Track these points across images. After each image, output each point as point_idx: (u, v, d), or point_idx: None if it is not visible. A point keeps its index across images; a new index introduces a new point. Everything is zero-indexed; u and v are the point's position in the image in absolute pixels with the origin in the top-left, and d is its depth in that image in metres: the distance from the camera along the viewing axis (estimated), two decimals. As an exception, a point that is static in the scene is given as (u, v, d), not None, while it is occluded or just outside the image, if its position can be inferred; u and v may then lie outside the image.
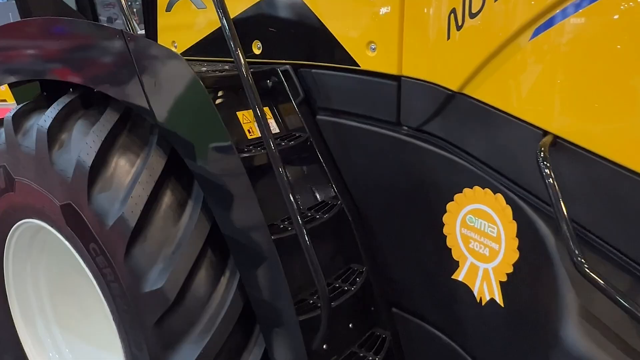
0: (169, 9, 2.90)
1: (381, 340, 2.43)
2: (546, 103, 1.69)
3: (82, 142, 2.23)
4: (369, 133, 2.31)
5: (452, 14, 1.90)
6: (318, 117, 2.49)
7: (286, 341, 2.13)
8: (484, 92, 1.88)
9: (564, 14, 1.57)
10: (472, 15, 1.83)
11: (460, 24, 1.88)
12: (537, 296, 1.75)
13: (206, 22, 2.74)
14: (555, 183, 1.56)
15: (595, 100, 1.57)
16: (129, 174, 2.18)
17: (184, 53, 2.88)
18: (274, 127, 2.47)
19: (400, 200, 2.31)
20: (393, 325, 2.51)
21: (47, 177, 2.36)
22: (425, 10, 2.01)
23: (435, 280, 2.26)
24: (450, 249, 2.13)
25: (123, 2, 2.43)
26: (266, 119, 2.08)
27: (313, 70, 2.45)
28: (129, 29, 2.40)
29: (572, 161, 1.64)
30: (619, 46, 1.49)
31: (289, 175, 2.38)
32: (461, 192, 2.04)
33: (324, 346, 2.30)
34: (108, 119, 2.27)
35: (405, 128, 2.21)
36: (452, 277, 2.14)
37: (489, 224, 1.96)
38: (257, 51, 2.60)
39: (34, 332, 3.09)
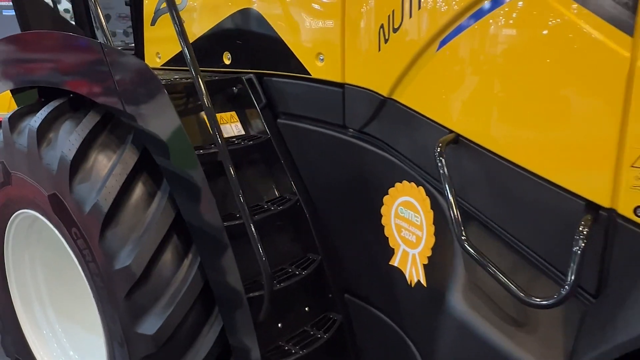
0: (153, 23, 3.19)
1: (332, 322, 2.68)
2: (450, 106, 1.94)
3: (66, 140, 2.51)
4: (321, 135, 2.58)
5: (381, 29, 2.16)
6: (279, 120, 2.76)
7: (237, 316, 2.39)
8: (406, 97, 2.13)
9: (459, 29, 1.83)
10: (395, 30, 2.09)
11: (386, 38, 2.14)
12: (445, 274, 1.99)
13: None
14: (447, 173, 1.81)
15: (487, 103, 1.81)
16: (105, 168, 2.46)
17: (167, 63, 3.17)
18: (240, 129, 2.74)
19: (348, 196, 2.56)
20: (345, 309, 2.75)
21: (37, 171, 2.65)
22: (362, 25, 2.27)
23: (377, 267, 2.50)
24: (388, 238, 2.38)
25: (102, 19, 2.70)
26: (217, 121, 2.35)
27: (274, 79, 2.72)
28: (108, 41, 2.68)
29: (471, 155, 1.89)
30: (501, 61, 1.75)
31: (251, 171, 2.68)
32: (394, 187, 2.29)
33: (279, 325, 2.56)
34: (90, 120, 2.56)
35: (350, 130, 2.47)
36: (390, 263, 2.39)
37: (414, 214, 2.21)
38: (227, 61, 2.88)
39: (32, 315, 3.36)
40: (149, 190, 2.47)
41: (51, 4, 3.56)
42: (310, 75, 2.52)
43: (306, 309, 2.66)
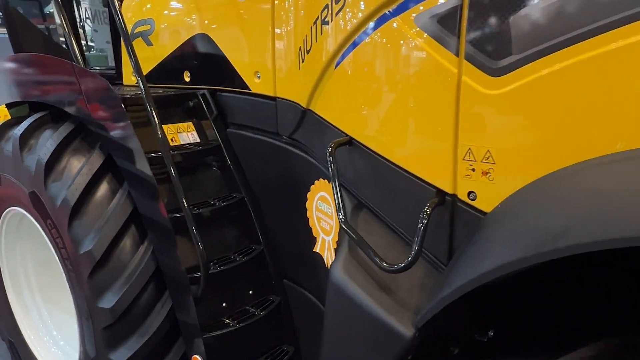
0: None
1: (270, 302, 3.06)
2: (345, 114, 2.33)
3: (44, 145, 2.93)
4: (260, 142, 2.97)
5: (300, 51, 2.55)
6: (228, 130, 3.16)
7: (181, 294, 2.78)
8: (318, 107, 2.52)
9: (346, 53, 2.22)
10: (307, 52, 2.48)
11: (303, 59, 2.53)
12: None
13: (153, 56, 3.44)
14: (335, 170, 2.20)
15: (367, 111, 2.19)
16: (75, 169, 2.86)
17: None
18: (195, 137, 3.14)
19: (283, 193, 2.94)
20: (284, 293, 3.13)
21: (20, 172, 3.07)
22: (286, 48, 2.67)
23: (306, 255, 2.87)
24: (312, 229, 2.76)
25: (73, 42, 3.13)
26: (163, 130, 2.75)
27: (223, 94, 3.12)
28: (79, 62, 3.09)
29: (360, 155, 2.27)
30: (374, 77, 2.14)
31: (203, 173, 3.09)
32: (314, 184, 2.67)
33: (223, 304, 2.95)
34: (64, 129, 2.98)
35: (282, 137, 2.86)
36: (314, 250, 2.77)
37: (327, 206, 2.59)
38: (187, 79, 3.28)
39: (22, 301, 3.77)
40: (111, 187, 2.88)
41: (46, 31, 4.00)
42: (250, 90, 2.92)
43: (250, 292, 3.04)
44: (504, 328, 2.02)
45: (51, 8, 4.13)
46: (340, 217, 2.11)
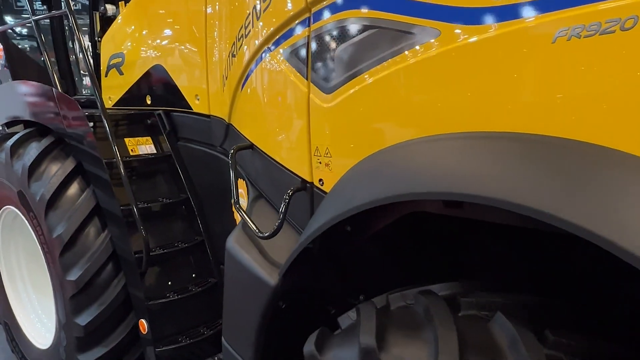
0: (106, 75, 4.32)
1: (208, 283, 3.74)
2: (248, 125, 3.02)
3: (29, 153, 3.66)
4: (201, 152, 3.65)
5: (223, 77, 3.27)
6: (178, 142, 3.86)
7: (131, 272, 3.46)
8: (235, 121, 3.20)
9: (246, 78, 2.92)
10: (226, 78, 3.19)
11: (224, 83, 3.24)
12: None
13: (124, 83, 4.15)
14: (235, 168, 2.88)
15: (257, 122, 2.89)
16: (52, 171, 3.58)
17: (116, 104, 4.29)
18: (152, 149, 3.84)
19: (218, 193, 3.62)
20: (221, 276, 3.80)
21: (11, 176, 3.78)
22: (215, 75, 3.37)
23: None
24: (236, 220, 3.44)
25: (50, 69, 3.89)
26: (114, 141, 3.45)
27: (173, 113, 3.82)
28: (58, 88, 3.83)
29: (257, 155, 2.96)
30: (259, 97, 2.83)
31: (157, 177, 3.77)
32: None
33: (169, 282, 3.62)
34: (46, 141, 3.69)
35: (217, 147, 3.55)
36: (238, 237, 3.44)
37: (244, 200, 3.27)
38: (148, 102, 3.99)
39: (16, 289, 4.46)
40: (80, 186, 3.57)
41: (41, 62, 4.76)
42: (193, 110, 3.62)
43: (193, 275, 3.71)
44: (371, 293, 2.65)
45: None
46: (234, 200, 2.79)
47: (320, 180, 2.51)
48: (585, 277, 1.88)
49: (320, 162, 2.48)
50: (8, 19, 5.10)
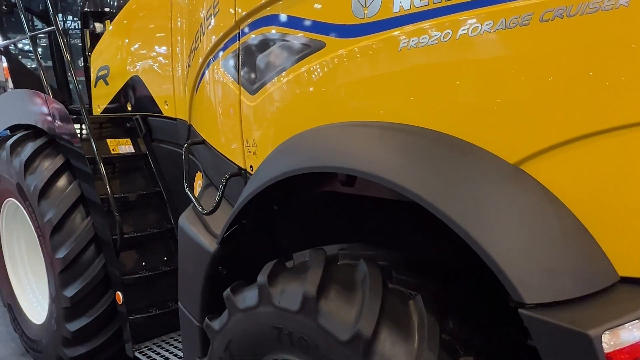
0: (95, 85, 4.86)
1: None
2: (200, 123, 3.57)
3: (25, 151, 4.25)
4: (170, 150, 4.20)
5: (184, 85, 3.83)
6: (153, 143, 4.43)
7: (109, 252, 4.02)
8: (193, 121, 3.70)
9: (199, 83, 3.48)
10: (185, 85, 3.76)
11: (185, 89, 3.81)
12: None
13: (110, 93, 4.72)
14: (186, 162, 3.43)
15: (209, 120, 3.44)
16: (44, 166, 4.16)
17: (104, 111, 4.86)
18: (131, 149, 4.41)
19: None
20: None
21: (10, 171, 4.36)
22: (179, 83, 3.94)
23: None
24: (199, 207, 3.98)
25: (43, 79, 4.49)
26: (94, 139, 4.02)
27: (149, 118, 4.39)
28: (50, 96, 4.41)
29: (208, 149, 3.51)
30: (208, 98, 3.38)
31: (134, 173, 4.33)
32: (197, 175, 3.92)
33: (143, 263, 4.17)
34: (41, 140, 4.26)
35: (182, 146, 4.10)
36: (201, 222, 3.99)
37: (199, 188, 3.82)
38: (129, 108, 4.55)
39: (17, 273, 5.03)
40: (68, 179, 4.13)
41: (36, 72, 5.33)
42: (163, 114, 4.19)
43: (164, 258, 4.26)
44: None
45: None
46: (185, 185, 3.34)
47: (251, 166, 3.04)
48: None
49: (250, 152, 3.02)
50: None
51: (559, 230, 1.96)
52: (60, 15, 5.47)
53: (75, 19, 5.12)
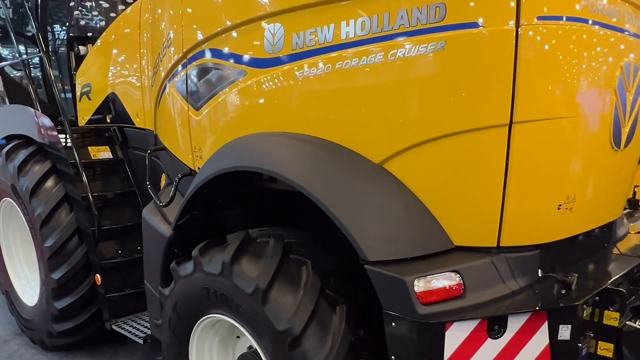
0: (79, 100, 5.53)
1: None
2: (161, 133, 4.30)
3: (18, 157, 4.96)
4: (142, 156, 4.88)
5: (152, 102, 4.55)
6: (128, 150, 5.15)
7: (89, 241, 4.71)
8: (157, 131, 4.46)
9: (160, 97, 4.20)
10: (152, 100, 4.48)
11: (152, 104, 4.53)
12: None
13: (92, 107, 5.40)
14: (148, 165, 4.14)
15: (168, 130, 4.16)
16: (34, 170, 4.87)
17: (87, 122, 5.56)
18: (109, 155, 5.12)
19: (153, 185, 4.90)
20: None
21: (6, 174, 5.03)
22: (147, 98, 4.66)
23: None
24: (165, 202, 4.70)
25: (34, 96, 5.23)
26: (75, 147, 4.73)
27: (124, 128, 5.10)
28: (38, 109, 5.12)
29: (168, 154, 4.23)
30: (169, 110, 4.11)
31: (112, 176, 5.03)
32: (162, 176, 4.63)
33: (119, 251, 4.88)
34: (32, 148, 4.93)
35: (153, 152, 4.82)
36: (166, 215, 4.71)
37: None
38: (108, 120, 5.25)
39: (12, 263, 5.69)
40: (54, 180, 4.81)
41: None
42: (135, 125, 4.91)
43: (138, 247, 4.96)
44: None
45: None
46: (147, 183, 4.06)
47: (199, 168, 3.73)
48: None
49: (197, 156, 3.71)
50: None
51: (403, 211, 2.68)
52: (50, 37, 6.20)
53: (62, 43, 5.83)
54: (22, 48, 6.02)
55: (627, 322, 2.82)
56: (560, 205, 2.66)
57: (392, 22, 2.56)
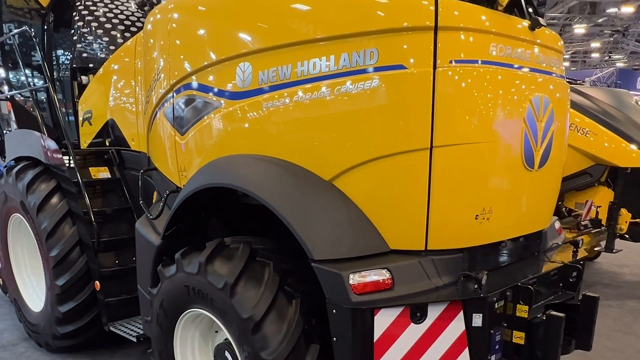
0: (82, 125, 6.05)
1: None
2: (153, 155, 4.86)
3: (27, 177, 5.51)
4: (135, 175, 5.40)
5: (145, 126, 5.12)
6: (125, 170, 5.69)
7: (90, 251, 5.22)
8: (150, 153, 5.01)
9: (152, 124, 4.77)
10: (145, 126, 5.04)
11: (146, 129, 5.09)
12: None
13: (93, 132, 5.94)
14: (142, 183, 4.71)
15: (158, 153, 4.72)
16: (41, 188, 5.41)
17: (88, 145, 6.12)
18: (107, 175, 5.65)
19: (146, 200, 5.45)
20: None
21: (15, 192, 5.55)
22: (141, 124, 5.23)
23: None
24: (157, 217, 5.26)
25: (40, 121, 5.80)
26: (78, 168, 5.30)
27: (122, 151, 5.62)
28: (45, 133, 5.70)
29: (159, 174, 4.78)
30: (160, 136, 4.67)
31: (110, 194, 5.58)
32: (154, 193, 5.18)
33: (116, 261, 5.43)
34: (39, 169, 5.42)
35: (140, 171, 5.35)
36: (158, 228, 5.26)
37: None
38: (107, 143, 5.76)
39: (21, 273, 6.19)
40: (59, 198, 5.31)
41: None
42: (131, 148, 5.46)
43: (133, 257, 5.49)
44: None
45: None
46: (140, 200, 4.62)
47: (184, 185, 4.29)
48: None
49: (183, 175, 4.24)
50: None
51: (346, 220, 3.19)
52: (55, 66, 6.80)
53: (66, 72, 6.42)
54: (28, 75, 6.59)
55: (537, 316, 3.32)
56: (477, 215, 3.17)
57: (337, 63, 3.11)
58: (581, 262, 3.72)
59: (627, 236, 7.84)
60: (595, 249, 7.99)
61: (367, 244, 3.16)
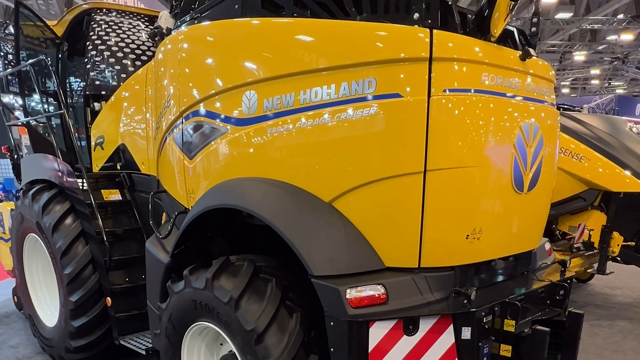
0: (94, 150, 6.21)
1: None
2: (163, 179, 5.03)
3: (42, 198, 5.68)
4: (145, 197, 5.50)
5: (155, 151, 5.31)
6: (135, 193, 5.85)
7: (102, 269, 5.42)
8: (160, 176, 5.15)
9: (161, 149, 4.95)
10: (155, 151, 5.23)
11: (156, 154, 5.28)
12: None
13: (105, 156, 6.09)
14: (151, 204, 4.88)
15: (167, 176, 4.89)
16: (55, 209, 5.58)
17: (100, 169, 6.28)
18: (119, 197, 5.83)
19: (155, 220, 5.61)
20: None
21: (31, 213, 5.72)
22: (151, 149, 5.41)
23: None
24: (166, 236, 5.43)
25: (55, 145, 6.00)
26: (91, 190, 5.48)
27: (132, 174, 5.79)
28: (59, 157, 5.90)
29: (168, 196, 4.94)
30: (170, 161, 4.86)
31: (121, 215, 5.74)
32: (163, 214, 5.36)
33: (126, 278, 5.59)
34: (53, 191, 5.57)
35: (150, 193, 5.50)
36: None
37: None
38: (119, 167, 5.94)
39: (35, 290, 6.35)
40: (72, 218, 5.47)
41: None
42: (141, 171, 5.62)
43: (142, 275, 5.62)
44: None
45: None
46: (150, 220, 4.79)
47: (192, 207, 4.46)
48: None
49: (191, 197, 4.40)
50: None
51: (344, 239, 3.32)
52: (68, 92, 7.02)
53: (79, 99, 6.64)
54: (44, 101, 6.81)
55: (525, 330, 3.44)
56: (468, 235, 3.30)
57: (337, 91, 3.26)
58: (568, 281, 3.83)
59: (619, 259, 7.95)
60: (588, 270, 8.10)
61: (363, 261, 3.29)
